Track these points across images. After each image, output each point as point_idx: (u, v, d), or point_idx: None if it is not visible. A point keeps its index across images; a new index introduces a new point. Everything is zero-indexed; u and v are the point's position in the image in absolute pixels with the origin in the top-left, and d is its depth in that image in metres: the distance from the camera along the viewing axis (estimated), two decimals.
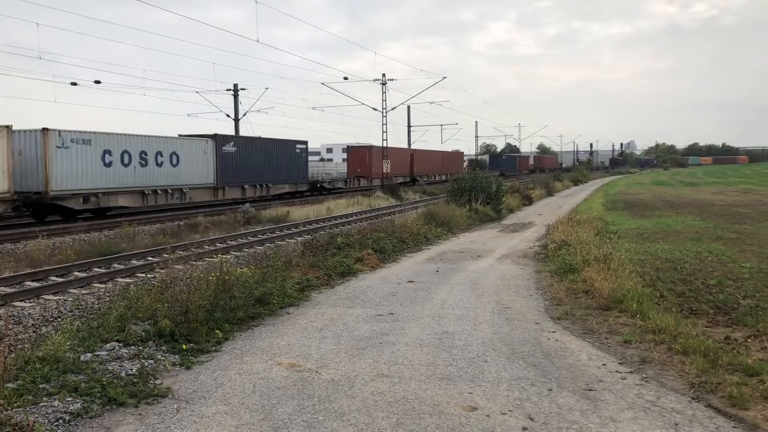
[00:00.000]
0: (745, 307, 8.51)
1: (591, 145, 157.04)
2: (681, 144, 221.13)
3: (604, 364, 6.43)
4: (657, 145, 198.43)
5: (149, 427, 4.95)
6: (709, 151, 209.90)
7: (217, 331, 7.50)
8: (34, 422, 4.77)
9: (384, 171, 49.47)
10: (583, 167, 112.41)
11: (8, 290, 11.23)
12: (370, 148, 50.52)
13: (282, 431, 4.84)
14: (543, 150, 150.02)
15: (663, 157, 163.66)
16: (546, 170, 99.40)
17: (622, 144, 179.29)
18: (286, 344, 7.31)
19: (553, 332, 7.73)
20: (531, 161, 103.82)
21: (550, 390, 5.68)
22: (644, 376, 6.06)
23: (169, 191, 28.49)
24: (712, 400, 5.37)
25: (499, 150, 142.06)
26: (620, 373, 6.16)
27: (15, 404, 5.09)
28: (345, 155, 53.68)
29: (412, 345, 7.20)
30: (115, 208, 26.64)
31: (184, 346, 6.91)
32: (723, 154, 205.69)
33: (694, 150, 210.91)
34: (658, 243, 15.19)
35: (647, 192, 42.70)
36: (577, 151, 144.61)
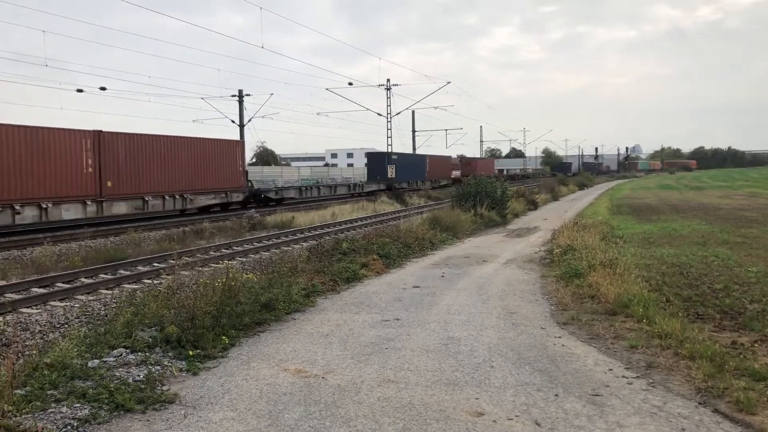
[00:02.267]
0: (751, 312, 8.49)
1: (596, 149, 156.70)
2: (687, 148, 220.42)
3: (611, 369, 6.43)
4: (662, 149, 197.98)
5: None
6: (714, 155, 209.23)
7: (224, 337, 7.53)
8: (43, 428, 4.80)
9: None
10: (583, 170, 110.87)
11: (15, 297, 11.28)
12: None
13: None
14: (548, 154, 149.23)
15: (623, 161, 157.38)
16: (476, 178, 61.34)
17: (627, 148, 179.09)
18: (293, 350, 7.33)
19: (559, 337, 7.72)
20: (455, 162, 72.06)
21: (557, 395, 5.67)
22: (651, 381, 6.05)
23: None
24: (719, 405, 5.36)
25: (504, 154, 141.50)
26: (627, 378, 6.15)
27: (24, 410, 5.11)
28: (350, 160, 51.47)
29: (418, 350, 7.21)
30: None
31: (190, 352, 6.93)
32: (729, 158, 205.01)
33: (699, 153, 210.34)
34: (664, 247, 15.16)
35: (653, 196, 42.62)
36: (582, 155, 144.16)
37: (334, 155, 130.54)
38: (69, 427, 4.98)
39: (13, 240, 19.60)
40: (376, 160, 52.27)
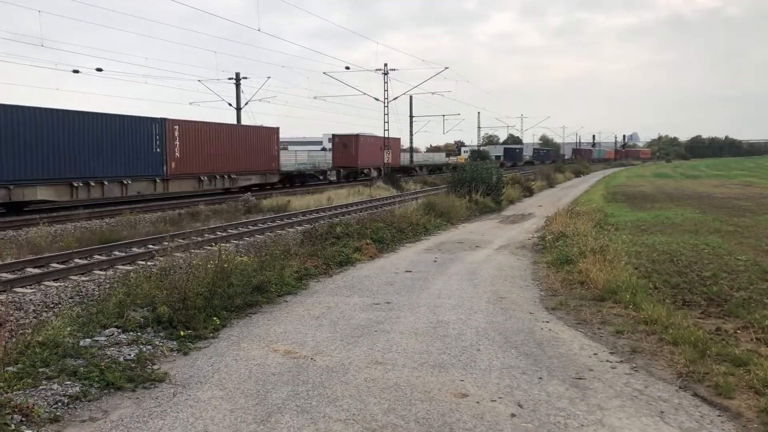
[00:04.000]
0: (737, 299, 8.58)
1: (593, 136, 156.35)
2: (684, 136, 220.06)
3: (596, 354, 6.53)
4: (660, 138, 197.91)
5: (146, 410, 5.05)
6: (711, 143, 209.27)
7: (215, 318, 7.61)
8: (34, 405, 4.88)
9: None
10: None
11: (10, 276, 11.33)
12: None
13: (275, 415, 4.94)
14: (545, 141, 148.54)
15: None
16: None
17: (624, 136, 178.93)
18: (283, 331, 7.42)
19: (547, 322, 7.82)
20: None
21: (541, 378, 5.77)
22: (634, 365, 6.15)
23: None
24: (699, 389, 5.46)
25: (502, 140, 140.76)
26: (610, 362, 6.25)
27: (15, 387, 5.19)
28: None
29: (407, 333, 7.30)
30: None
31: (181, 333, 7.02)
32: (726, 147, 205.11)
33: (696, 142, 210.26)
34: (655, 235, 15.24)
35: (648, 184, 42.71)
36: (579, 142, 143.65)
37: (331, 140, 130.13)
38: (60, 404, 5.06)
39: (9, 220, 19.62)
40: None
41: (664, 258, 11.84)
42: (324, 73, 42.69)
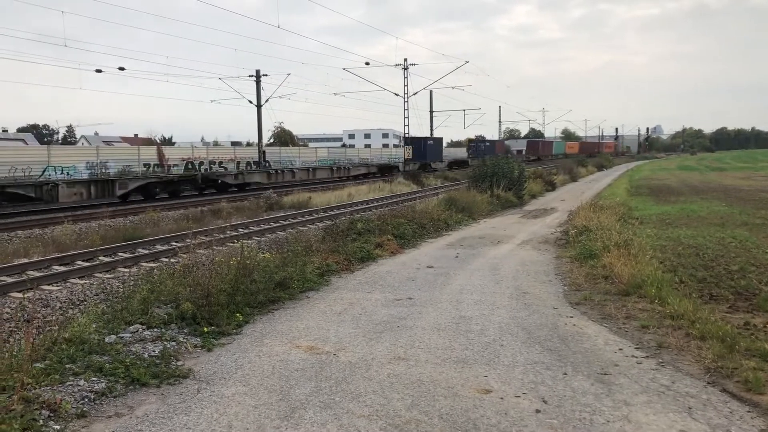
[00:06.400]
0: (766, 293, 8.42)
1: (616, 129, 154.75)
2: (709, 128, 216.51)
3: (621, 349, 6.44)
4: (684, 130, 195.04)
5: (171, 406, 5.09)
6: (738, 135, 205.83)
7: (238, 315, 7.65)
8: (61, 400, 4.94)
9: None
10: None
11: (37, 274, 11.51)
12: None
13: (299, 411, 4.95)
14: (567, 135, 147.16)
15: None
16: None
17: (648, 129, 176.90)
18: (305, 327, 7.43)
19: (571, 317, 7.74)
20: None
21: (565, 374, 5.71)
22: (660, 360, 6.06)
23: None
24: (728, 384, 5.36)
25: (523, 135, 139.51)
26: (636, 357, 6.17)
27: (43, 383, 5.26)
28: (367, 141, 50.40)
29: (429, 329, 7.27)
30: None
31: (205, 329, 7.06)
32: (752, 138, 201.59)
33: (721, 134, 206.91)
34: (681, 229, 15.03)
35: (673, 177, 42.14)
36: (602, 135, 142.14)
37: (351, 136, 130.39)
38: (86, 400, 5.12)
39: (36, 219, 19.94)
40: None
41: (689, 252, 11.67)
42: (343, 69, 42.80)
